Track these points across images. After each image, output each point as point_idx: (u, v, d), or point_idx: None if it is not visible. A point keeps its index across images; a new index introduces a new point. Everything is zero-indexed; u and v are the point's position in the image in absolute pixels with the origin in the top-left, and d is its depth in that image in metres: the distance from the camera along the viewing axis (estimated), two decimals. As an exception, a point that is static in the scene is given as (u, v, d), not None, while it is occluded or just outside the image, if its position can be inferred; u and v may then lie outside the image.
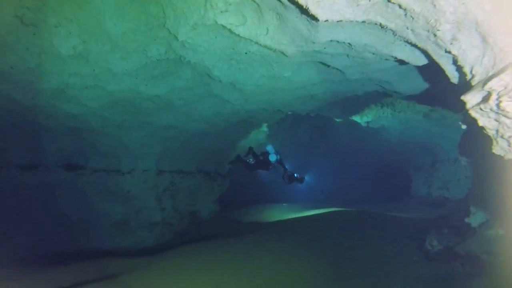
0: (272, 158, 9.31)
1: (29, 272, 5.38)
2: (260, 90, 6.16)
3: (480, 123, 2.58)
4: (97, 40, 4.70)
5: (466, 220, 4.65)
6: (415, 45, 3.34)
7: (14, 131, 6.66)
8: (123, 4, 4.27)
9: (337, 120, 10.99)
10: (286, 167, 9.73)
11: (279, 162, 9.47)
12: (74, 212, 7.85)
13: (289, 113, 8.27)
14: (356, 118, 10.32)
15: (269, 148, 9.47)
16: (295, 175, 9.82)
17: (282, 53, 4.71)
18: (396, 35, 3.35)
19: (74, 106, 5.97)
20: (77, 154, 7.65)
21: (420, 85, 5.75)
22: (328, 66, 5.20)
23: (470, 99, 2.50)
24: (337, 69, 5.27)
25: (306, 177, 10.77)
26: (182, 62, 5.28)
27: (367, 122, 10.58)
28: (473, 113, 2.58)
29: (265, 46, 4.57)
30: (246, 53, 4.88)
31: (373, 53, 4.16)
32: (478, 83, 2.52)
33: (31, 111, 5.99)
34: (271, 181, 14.57)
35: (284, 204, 13.22)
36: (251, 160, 9.50)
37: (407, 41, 3.41)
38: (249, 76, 5.61)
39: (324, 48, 4.38)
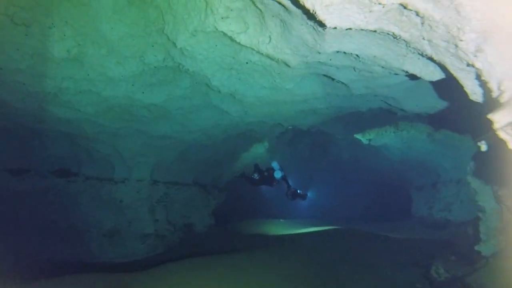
0: (278, 174, 9.48)
1: (15, 284, 5.05)
2: (260, 102, 5.95)
3: (511, 146, 2.30)
4: (93, 43, 4.52)
5: (476, 247, 4.36)
6: (430, 58, 3.07)
7: (5, 134, 6.46)
8: (122, 7, 4.09)
9: (339, 137, 10.84)
10: (290, 183, 9.77)
11: (283, 178, 9.58)
12: (64, 220, 7.60)
13: (290, 127, 8.08)
14: (358, 136, 10.16)
15: (274, 164, 9.60)
16: (298, 191, 9.85)
17: (285, 63, 4.50)
18: (409, 46, 3.11)
19: (67, 111, 5.77)
20: (70, 160, 7.45)
21: (428, 103, 5.53)
22: (333, 79, 4.98)
23: (500, 118, 2.21)
24: (342, 82, 5.05)
25: (308, 194, 10.79)
26: (181, 70, 5.08)
27: (369, 140, 10.40)
28: (502, 134, 2.28)
29: (267, 56, 4.35)
30: (247, 62, 4.68)
31: (382, 67, 3.92)
32: (509, 100, 2.26)
33: (23, 115, 5.80)
34: (272, 196, 14.35)
35: (281, 220, 12.92)
36: (255, 176, 9.54)
37: (421, 54, 3.17)
38: (249, 87, 5.40)
39: (330, 59, 4.15)
